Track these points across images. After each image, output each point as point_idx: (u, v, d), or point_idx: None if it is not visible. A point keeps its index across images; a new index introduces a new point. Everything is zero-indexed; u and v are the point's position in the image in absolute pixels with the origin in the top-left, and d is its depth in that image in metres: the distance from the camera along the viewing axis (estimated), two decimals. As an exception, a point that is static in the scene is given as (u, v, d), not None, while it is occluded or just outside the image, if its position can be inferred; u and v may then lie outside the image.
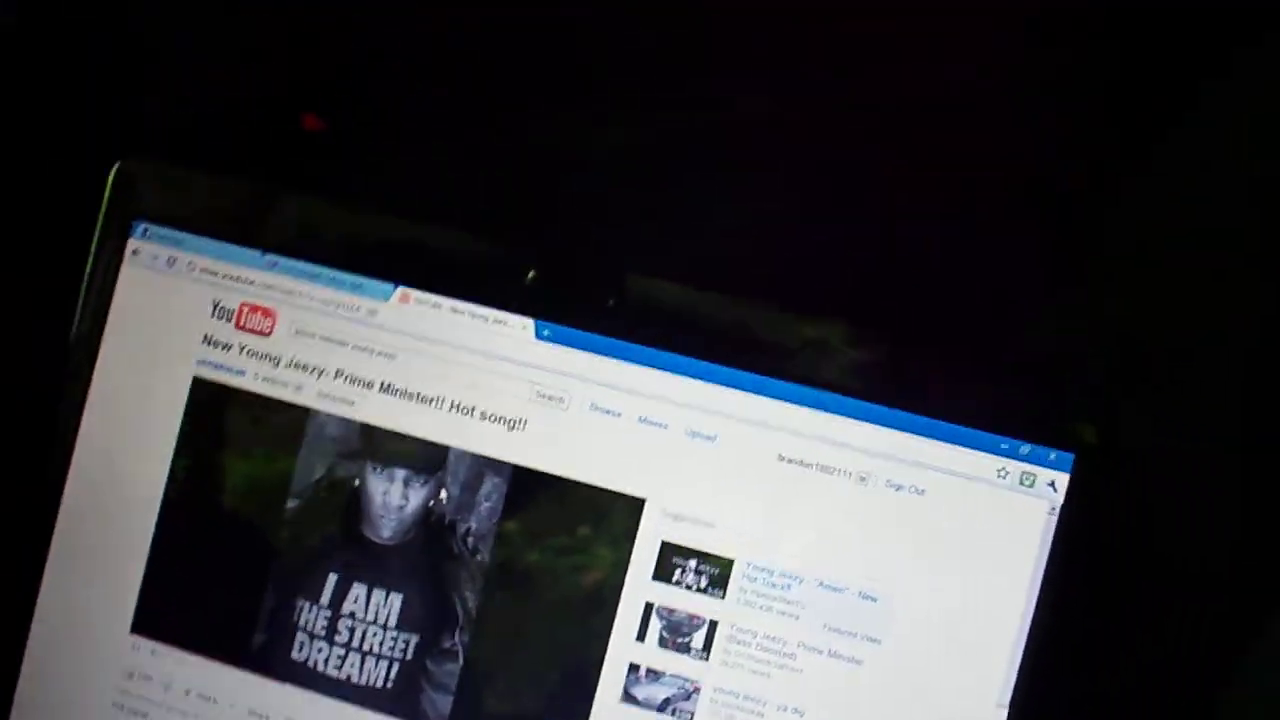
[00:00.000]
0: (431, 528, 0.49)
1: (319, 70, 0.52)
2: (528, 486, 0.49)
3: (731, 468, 0.48)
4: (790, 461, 0.48)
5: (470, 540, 0.49)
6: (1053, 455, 0.47)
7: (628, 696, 0.48)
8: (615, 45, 0.51)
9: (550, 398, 0.49)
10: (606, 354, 0.49)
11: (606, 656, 0.48)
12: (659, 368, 0.48)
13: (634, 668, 0.48)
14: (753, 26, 0.49)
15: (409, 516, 0.49)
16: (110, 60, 0.48)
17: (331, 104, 0.53)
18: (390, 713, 0.49)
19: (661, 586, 0.48)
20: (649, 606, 0.48)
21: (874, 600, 0.47)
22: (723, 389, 0.48)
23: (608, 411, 0.48)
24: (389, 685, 0.49)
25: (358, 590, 0.50)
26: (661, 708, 0.48)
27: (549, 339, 0.49)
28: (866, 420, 0.47)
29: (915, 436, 0.47)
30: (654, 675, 0.48)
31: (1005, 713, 0.46)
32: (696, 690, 0.48)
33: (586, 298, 0.49)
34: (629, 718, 0.48)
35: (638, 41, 0.51)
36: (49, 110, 0.52)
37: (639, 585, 0.48)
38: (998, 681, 0.46)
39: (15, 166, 0.53)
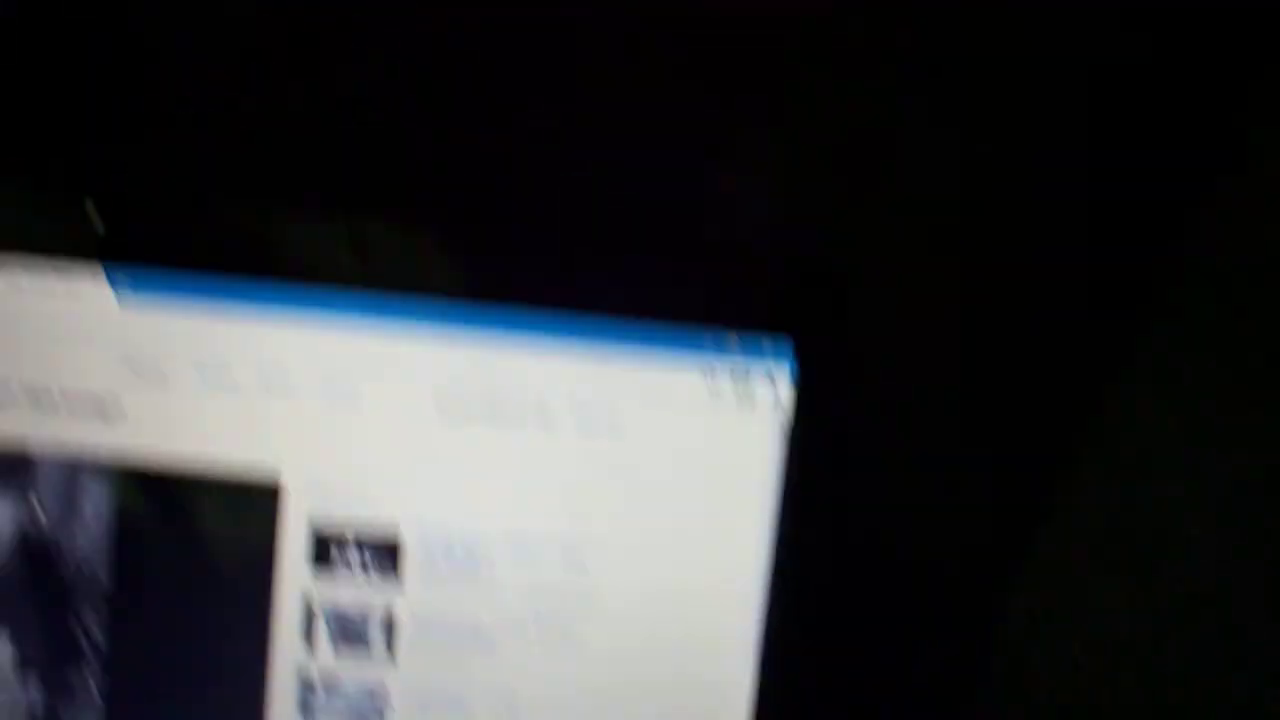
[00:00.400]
0: (31, 552, 0.39)
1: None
2: (139, 484, 0.39)
3: (382, 426, 0.38)
4: (453, 408, 0.38)
5: (80, 560, 0.39)
6: (768, 345, 0.38)
7: (305, 711, 0.39)
8: None
9: (147, 372, 0.38)
10: (207, 307, 0.38)
11: (271, 674, 0.39)
12: (274, 315, 0.38)
13: (308, 683, 0.39)
14: None
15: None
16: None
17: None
18: (32, 776, 0.40)
19: (322, 579, 0.39)
20: (310, 606, 0.39)
21: (580, 559, 0.38)
22: (355, 330, 0.38)
23: (220, 380, 0.38)
24: (22, 746, 0.40)
25: (-38, 640, 0.40)
26: (348, 723, 0.39)
27: (132, 297, 0.38)
28: (536, 340, 0.38)
29: (599, 351, 0.37)
30: (333, 688, 0.39)
31: (754, 667, 0.38)
32: (386, 694, 0.39)
33: (168, 235, 0.38)
34: (312, 741, 0.39)
35: None
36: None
37: (294, 582, 0.39)
38: (742, 631, 0.38)
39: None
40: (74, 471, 0.39)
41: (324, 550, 0.38)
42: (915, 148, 0.37)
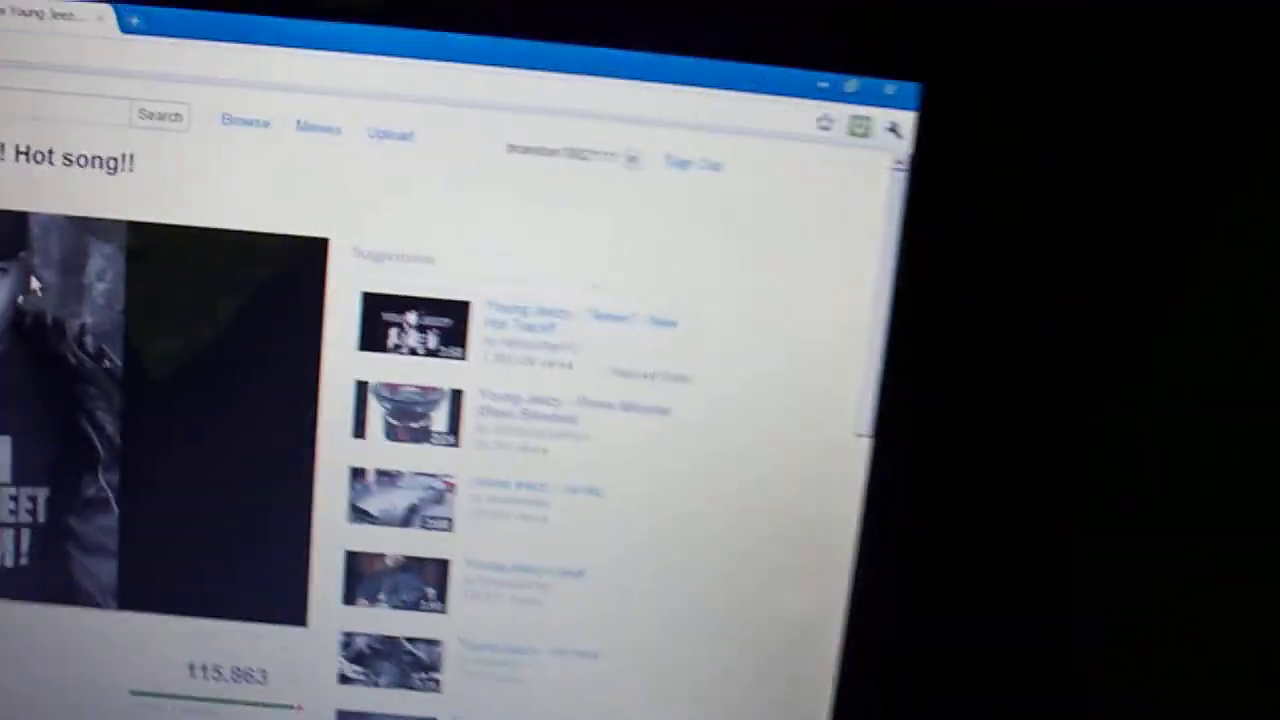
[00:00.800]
0: (29, 334, 0.34)
1: None
2: (153, 250, 0.33)
3: (444, 174, 0.33)
4: (526, 150, 0.33)
5: (89, 341, 0.34)
6: (891, 89, 0.33)
7: (357, 513, 0.34)
8: None
9: (161, 116, 0.33)
10: (232, 36, 0.32)
11: (316, 466, 0.34)
12: (313, 45, 0.32)
13: (358, 473, 0.34)
14: None
15: (-8, 323, 0.34)
16: None
17: None
18: (36, 598, 0.35)
19: (375, 357, 0.34)
20: (362, 387, 0.34)
21: (672, 325, 0.34)
22: (410, 61, 0.33)
23: (249, 121, 0.33)
24: (24, 563, 0.35)
25: (-53, 441, 0.34)
26: (407, 520, 0.34)
27: (141, 29, 0.32)
28: (624, 75, 0.33)
29: (698, 90, 0.33)
30: (388, 479, 0.34)
31: (868, 441, 0.34)
32: (450, 488, 0.34)
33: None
34: (366, 540, 0.34)
35: None
36: None
37: (342, 361, 0.34)
38: (852, 403, 0.34)
39: None
40: (77, 235, 0.33)
41: (375, 322, 0.33)
42: None
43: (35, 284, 0.33)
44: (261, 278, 0.33)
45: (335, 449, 0.34)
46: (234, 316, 0.33)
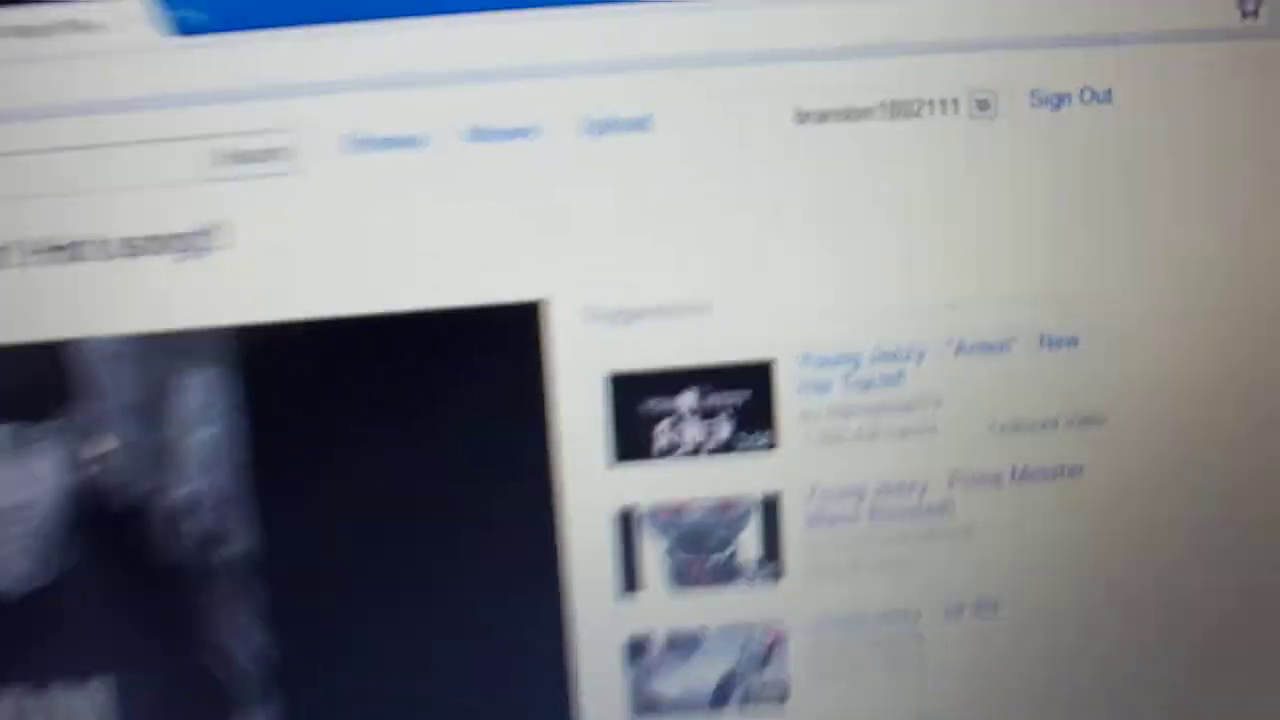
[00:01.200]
0: (96, 530, 0.22)
1: None
2: (276, 364, 0.21)
3: (704, 173, 0.21)
4: (824, 117, 0.21)
5: (195, 521, 0.22)
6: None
7: (643, 704, 0.23)
8: None
9: (256, 155, 0.21)
10: (346, 14, 0.21)
11: (573, 645, 0.22)
12: (475, 6, 0.21)
13: (639, 646, 0.23)
14: None
15: (46, 516, 0.22)
16: None
17: None
18: None
19: (640, 469, 0.22)
20: (627, 518, 0.22)
21: (1071, 344, 0.22)
22: (630, 8, 0.21)
23: (394, 141, 0.21)
24: None
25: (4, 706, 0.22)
26: (720, 698, 0.23)
27: (201, 26, 0.20)
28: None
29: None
30: (685, 644, 0.23)
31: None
32: (778, 640, 0.23)
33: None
34: (661, 742, 0.23)
35: None
36: None
37: (591, 483, 0.22)
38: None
39: None
40: (156, 360, 0.21)
41: (636, 416, 0.22)
42: None
43: (93, 452, 0.21)
44: (446, 379, 0.22)
45: (599, 614, 0.22)
46: (412, 446, 0.22)
